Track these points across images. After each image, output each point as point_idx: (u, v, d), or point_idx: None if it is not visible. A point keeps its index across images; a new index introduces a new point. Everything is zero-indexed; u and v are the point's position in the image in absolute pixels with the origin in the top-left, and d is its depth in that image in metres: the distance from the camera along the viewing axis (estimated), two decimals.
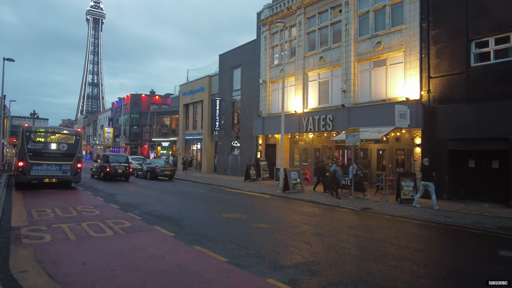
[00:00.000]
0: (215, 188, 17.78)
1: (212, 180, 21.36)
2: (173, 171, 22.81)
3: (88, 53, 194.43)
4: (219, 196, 14.08)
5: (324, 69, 18.78)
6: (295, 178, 15.11)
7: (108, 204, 10.75)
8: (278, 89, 21.92)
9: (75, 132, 15.12)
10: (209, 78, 30.18)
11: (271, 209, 10.99)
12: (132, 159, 27.57)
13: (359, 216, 10.14)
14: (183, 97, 34.41)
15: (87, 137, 74.24)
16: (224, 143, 27.34)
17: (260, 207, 11.58)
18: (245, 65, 25.19)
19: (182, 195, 14.28)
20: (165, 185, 18.58)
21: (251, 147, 24.07)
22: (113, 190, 14.93)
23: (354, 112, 16.65)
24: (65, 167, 14.41)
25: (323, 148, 20.01)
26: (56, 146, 14.40)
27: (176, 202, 11.93)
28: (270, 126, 21.55)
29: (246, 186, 18.02)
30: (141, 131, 48.75)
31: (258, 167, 21.32)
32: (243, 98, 25.28)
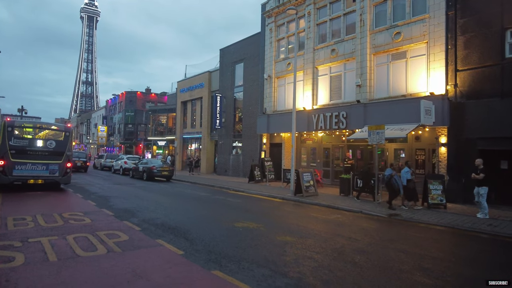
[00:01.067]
0: (218, 191, 16.34)
1: (213, 181, 19.92)
2: (171, 171, 21.32)
3: (82, 51, 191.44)
4: (225, 200, 12.65)
5: (336, 62, 17.45)
6: (308, 180, 13.74)
7: (100, 210, 9.27)
8: (285, 84, 20.57)
9: (64, 128, 13.58)
10: (209, 74, 28.72)
11: (288, 216, 9.59)
12: (127, 158, 26.00)
13: (391, 225, 8.81)
14: (180, 94, 32.89)
15: (80, 136, 72.18)
16: (225, 142, 25.90)
17: (274, 213, 10.18)
18: (248, 60, 23.79)
19: (183, 198, 12.83)
20: (163, 187, 17.10)
21: (255, 147, 22.67)
22: (107, 193, 13.43)
23: (371, 109, 15.34)
24: (53, 167, 12.87)
25: (333, 148, 18.68)
26: (43, 143, 12.85)
27: (178, 207, 10.48)
28: (275, 124, 20.17)
29: (252, 188, 16.61)
30: (136, 129, 47.05)
31: (263, 167, 19.92)
32: (245, 95, 23.86)
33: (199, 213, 9.63)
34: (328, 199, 12.88)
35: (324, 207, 11.63)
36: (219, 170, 26.20)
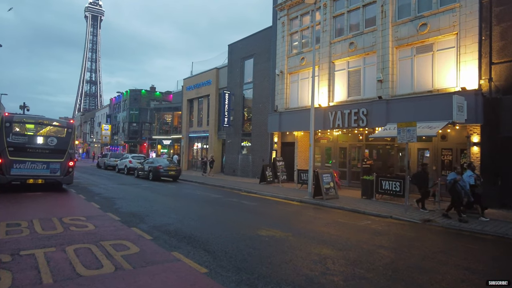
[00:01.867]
0: (229, 192, 15.37)
1: (222, 182, 18.94)
2: (179, 171, 20.38)
3: (86, 51, 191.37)
4: (239, 203, 11.67)
5: (355, 56, 16.42)
6: (328, 182, 12.73)
7: (105, 214, 8.31)
8: (298, 80, 19.56)
9: (66, 124, 12.66)
10: (217, 71, 27.76)
11: (314, 223, 8.59)
12: (132, 157, 25.08)
13: (431, 233, 7.79)
14: (187, 92, 31.96)
15: (83, 134, 71.52)
16: (233, 141, 24.92)
17: (298, 218, 9.18)
18: (258, 56, 22.80)
19: (194, 201, 11.87)
20: (171, 188, 16.14)
21: (265, 146, 21.68)
22: (111, 194, 12.49)
23: (394, 105, 14.31)
24: (54, 166, 11.95)
25: (350, 147, 17.65)
26: (44, 140, 11.94)
27: (190, 211, 9.51)
28: (287, 122, 19.17)
29: (264, 189, 15.62)
30: (140, 128, 46.20)
31: (275, 168, 18.93)
32: (255, 92, 22.88)
33: (215, 218, 8.65)
34: (350, 203, 11.86)
35: (349, 212, 10.61)
36: (227, 170, 25.24)
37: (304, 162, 19.39)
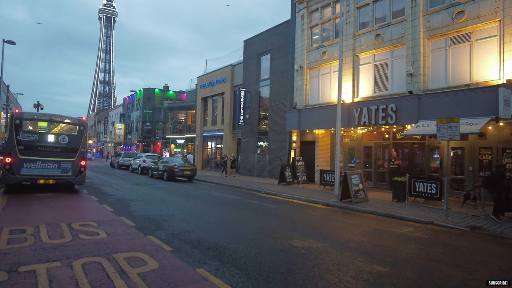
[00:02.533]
0: (247, 193, 14.53)
1: (238, 183, 18.13)
2: (194, 171, 19.66)
3: (100, 52, 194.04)
4: (261, 206, 10.81)
5: (382, 49, 15.35)
6: (356, 184, 11.75)
7: (119, 219, 7.56)
8: (318, 75, 18.56)
9: (78, 122, 12.04)
10: (232, 68, 26.98)
11: (350, 230, 7.66)
12: (145, 157, 24.53)
13: (486, 243, 6.75)
14: (201, 90, 31.30)
15: (97, 134, 71.95)
16: (249, 140, 24.09)
17: (330, 225, 8.26)
18: (276, 51, 21.89)
19: (213, 203, 11.07)
20: (186, 188, 15.41)
21: (283, 145, 20.77)
22: (125, 195, 11.81)
23: (426, 100, 13.20)
24: (66, 165, 11.34)
25: (376, 146, 16.57)
26: (55, 138, 11.33)
27: (210, 215, 8.70)
28: (307, 120, 18.20)
29: (285, 191, 14.71)
30: (154, 127, 45.87)
31: (294, 168, 18.00)
32: (272, 89, 21.98)
33: (238, 223, 7.81)
34: (382, 206, 10.85)
35: (383, 217, 9.62)
36: (243, 170, 24.42)
37: (325, 162, 18.41)
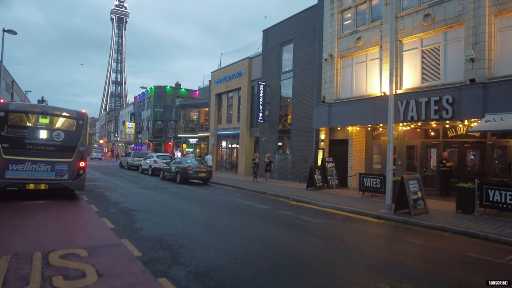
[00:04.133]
0: (274, 201, 12.41)
1: (260, 186, 16.02)
2: (210, 172, 17.63)
3: (112, 52, 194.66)
4: (299, 220, 8.66)
5: (432, 31, 13.02)
6: (415, 191, 9.48)
7: (119, 242, 5.53)
8: (352, 65, 16.31)
9: (77, 115, 10.07)
10: (249, 61, 24.88)
11: (438, 261, 5.47)
12: (156, 157, 22.63)
13: None
14: (215, 86, 29.31)
15: (108, 133, 70.84)
16: (268, 139, 21.95)
17: (401, 251, 6.08)
18: (300, 40, 19.71)
19: (240, 214, 8.98)
20: (204, 194, 13.37)
21: (308, 144, 18.57)
22: (132, 203, 9.80)
23: (494, 90, 10.85)
24: (61, 167, 9.40)
25: (422, 146, 14.23)
26: (48, 135, 9.41)
27: (242, 234, 6.63)
28: (339, 116, 15.96)
29: (318, 197, 12.53)
30: (165, 126, 44.15)
31: (325, 170, 15.78)
32: (296, 81, 19.80)
33: (285, 253, 5.62)
34: (451, 220, 8.57)
35: (462, 236, 7.38)
36: (262, 171, 22.24)
37: (359, 164, 16.15)
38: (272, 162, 19.17)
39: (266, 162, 18.85)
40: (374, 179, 12.56)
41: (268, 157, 19.02)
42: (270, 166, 18.86)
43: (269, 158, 18.94)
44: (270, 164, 18.88)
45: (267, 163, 18.82)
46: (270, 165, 18.84)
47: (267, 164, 18.84)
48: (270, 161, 18.91)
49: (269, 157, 18.97)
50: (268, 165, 18.80)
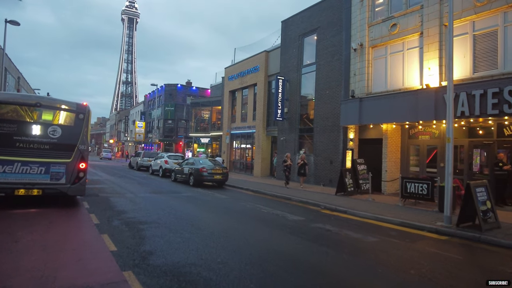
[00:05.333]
0: (304, 208, 10.78)
1: (281, 190, 14.40)
2: (226, 175, 16.07)
3: (123, 52, 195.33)
4: (346, 238, 7.00)
5: (487, 12, 11.20)
6: (483, 201, 7.72)
7: (121, 279, 3.97)
8: (386, 55, 14.55)
9: (76, 107, 8.58)
10: (266, 54, 23.27)
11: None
12: (168, 157, 21.19)
13: None
14: (229, 82, 27.79)
15: (118, 133, 70.10)
16: (287, 138, 20.30)
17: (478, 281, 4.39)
18: (324, 29, 18.01)
19: (269, 228, 7.37)
20: (222, 200, 11.81)
21: (334, 144, 16.85)
22: (141, 213, 8.27)
23: None
24: (57, 169, 7.94)
25: (470, 146, 12.38)
26: (42, 130, 7.96)
27: (283, 262, 4.99)
28: (372, 112, 14.22)
29: (354, 206, 10.85)
30: (176, 126, 42.87)
31: (356, 173, 14.05)
32: (319, 75, 18.10)
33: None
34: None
35: None
36: (280, 173, 20.62)
37: (394, 166, 14.38)
38: (307, 164, 16.40)
39: (300, 164, 16.09)
40: (420, 185, 10.80)
41: (302, 158, 16.20)
42: (305, 169, 16.15)
43: (303, 159, 16.12)
44: (305, 167, 16.12)
45: (301, 165, 16.02)
46: (304, 167, 16.09)
47: (300, 167, 16.06)
48: (305, 162, 16.13)
49: (303, 158, 16.15)
50: (302, 168, 16.04)
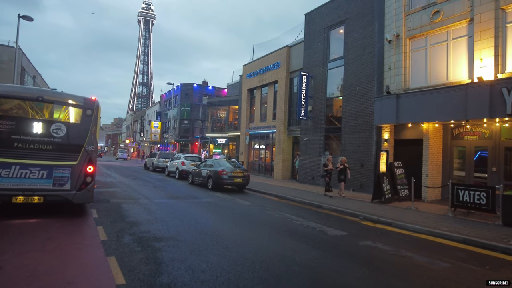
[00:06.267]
0: (341, 219, 9.44)
1: (308, 196, 13.08)
2: (247, 178, 14.85)
3: (139, 54, 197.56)
4: (411, 264, 5.64)
5: None
6: None
7: None
8: (426, 46, 13.02)
9: (84, 102, 7.47)
10: (288, 49, 21.96)
11: None
12: (184, 158, 20.13)
13: None
14: (247, 80, 26.61)
15: (134, 133, 70.07)
16: (312, 139, 18.92)
17: None
18: (353, 20, 16.57)
19: (308, 246, 6.09)
20: (245, 206, 10.59)
21: (365, 145, 15.39)
22: (157, 226, 7.11)
23: None
24: (61, 173, 6.89)
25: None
26: (44, 128, 6.92)
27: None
28: (411, 109, 12.71)
29: (397, 216, 9.43)
30: (192, 126, 42.04)
31: (393, 178, 12.58)
32: (348, 70, 16.67)
33: None
34: None
35: None
36: (303, 176, 19.28)
37: (436, 170, 12.82)
38: (348, 168, 13.68)
39: (340, 168, 13.53)
40: (477, 193, 9.27)
41: (342, 161, 13.63)
42: (346, 174, 13.53)
43: (344, 162, 13.60)
44: (346, 171, 13.52)
45: (341, 169, 13.49)
46: (345, 172, 13.52)
47: (340, 171, 13.51)
48: (345, 166, 13.55)
49: (343, 162, 13.62)
50: (342, 173, 13.51)
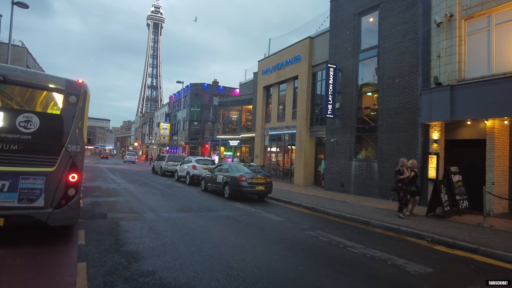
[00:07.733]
0: (402, 241, 7.30)
1: (344, 208, 10.93)
2: (269, 185, 12.75)
3: (148, 57, 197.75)
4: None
5: None
6: None
7: None
8: (489, 27, 10.77)
9: (66, 85, 5.25)
10: (310, 41, 19.85)
11: None
12: (196, 161, 18.12)
13: None
14: (263, 77, 24.56)
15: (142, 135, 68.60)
16: (340, 140, 16.72)
17: None
18: (389, 3, 14.42)
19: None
20: (275, 223, 8.49)
21: (408, 146, 13.16)
22: (165, 260, 5.12)
23: None
24: (31, 183, 4.91)
25: None
26: (6, 121, 4.96)
27: None
28: (469, 104, 10.48)
29: (477, 238, 7.25)
30: (202, 127, 40.16)
31: (451, 186, 10.33)
32: (384, 61, 14.48)
33: None
34: None
35: None
36: (330, 183, 17.08)
37: (502, 177, 10.55)
38: (417, 175, 10.21)
39: (412, 176, 9.86)
40: None
41: (413, 165, 10.05)
42: (415, 184, 10.06)
43: (414, 167, 10.12)
44: (415, 182, 10.02)
45: (411, 177, 9.84)
46: (414, 182, 9.98)
47: (410, 181, 9.83)
48: (416, 174, 10.18)
49: (414, 166, 10.10)
50: (412, 182, 9.87)
